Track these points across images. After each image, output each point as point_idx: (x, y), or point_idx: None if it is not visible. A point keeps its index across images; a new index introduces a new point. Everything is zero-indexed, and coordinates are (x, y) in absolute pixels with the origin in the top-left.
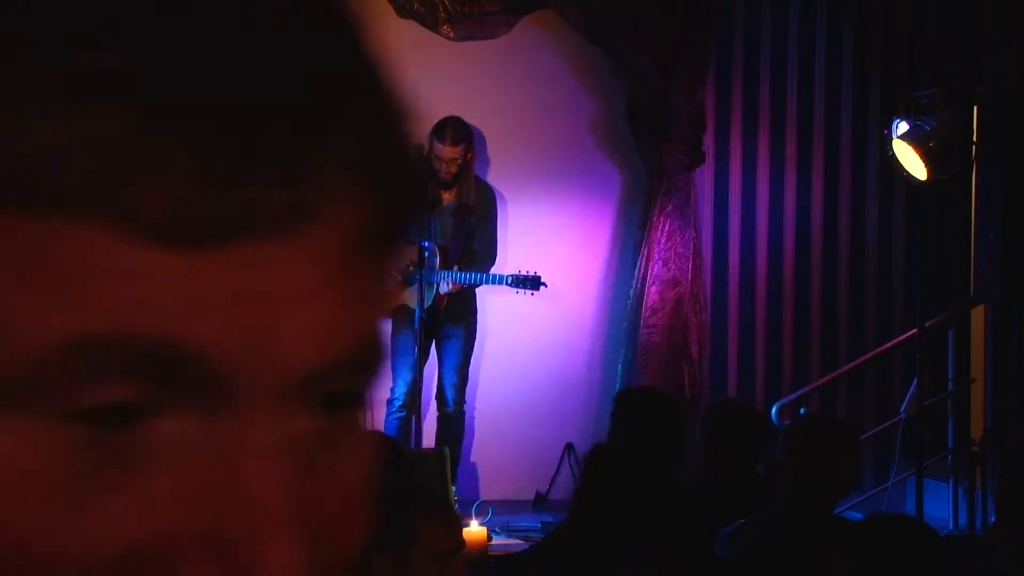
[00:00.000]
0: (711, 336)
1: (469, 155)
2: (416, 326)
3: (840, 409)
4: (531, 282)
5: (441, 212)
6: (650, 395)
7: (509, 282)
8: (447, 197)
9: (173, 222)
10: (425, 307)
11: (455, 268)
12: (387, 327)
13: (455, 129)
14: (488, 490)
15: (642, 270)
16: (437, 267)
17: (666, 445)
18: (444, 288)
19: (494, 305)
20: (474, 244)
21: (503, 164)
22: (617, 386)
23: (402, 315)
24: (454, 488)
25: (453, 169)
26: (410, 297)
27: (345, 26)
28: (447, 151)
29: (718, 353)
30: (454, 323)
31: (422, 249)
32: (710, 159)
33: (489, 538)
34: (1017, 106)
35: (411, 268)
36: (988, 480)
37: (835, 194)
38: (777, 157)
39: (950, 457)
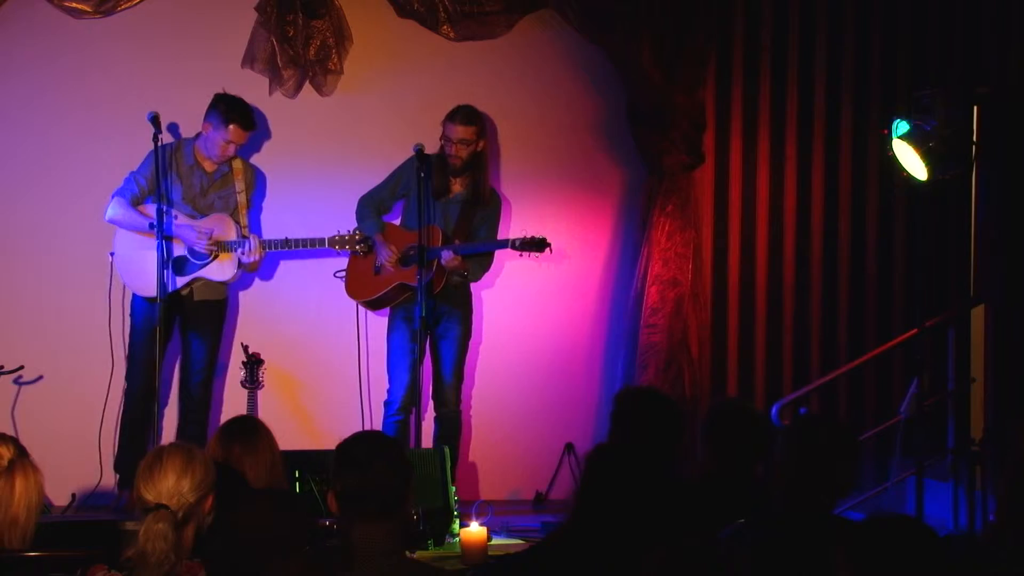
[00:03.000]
0: (711, 336)
1: (481, 143)
2: (416, 326)
3: (840, 409)
4: (537, 244)
5: (448, 201)
6: (650, 395)
7: (516, 246)
8: (457, 187)
9: None
10: (423, 283)
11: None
12: (383, 328)
13: (467, 112)
14: (488, 490)
15: (642, 270)
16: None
17: (666, 445)
18: (446, 257)
19: (493, 305)
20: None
21: (503, 164)
22: (617, 386)
23: (397, 314)
24: (454, 488)
25: (463, 153)
26: (410, 275)
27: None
28: (457, 130)
29: (718, 353)
30: (450, 323)
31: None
32: (710, 159)
33: (489, 538)
34: (1017, 106)
35: (412, 252)
36: (988, 480)
37: (835, 194)
38: (777, 157)
39: (950, 457)
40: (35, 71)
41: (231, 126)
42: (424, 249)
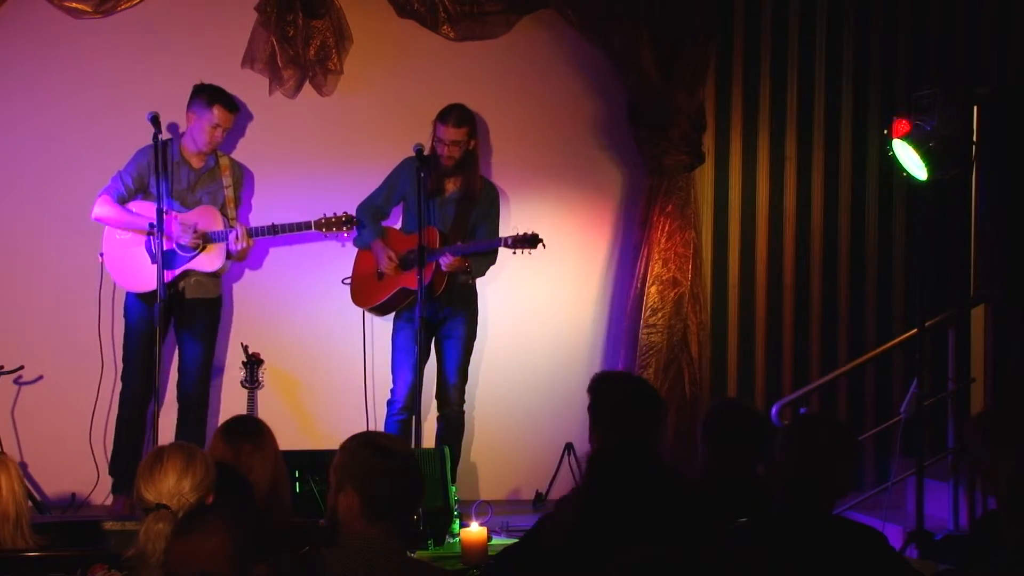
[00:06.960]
0: (711, 336)
1: (472, 142)
2: (416, 325)
3: (840, 409)
4: (529, 241)
5: (443, 200)
6: (622, 378)
7: (508, 243)
8: (451, 186)
9: None
10: (423, 285)
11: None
12: (388, 328)
13: (459, 112)
14: (488, 490)
15: (642, 270)
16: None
17: (643, 426)
18: (445, 262)
19: (494, 305)
20: (476, 238)
21: (503, 164)
22: None
23: (402, 315)
24: (454, 488)
25: (456, 153)
26: (411, 280)
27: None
28: (450, 132)
29: (718, 353)
30: (454, 323)
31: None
32: (710, 159)
33: (489, 538)
34: (1017, 106)
35: (411, 256)
36: None
37: (835, 194)
38: (777, 157)
39: (950, 457)
40: (35, 71)
41: (215, 108)
42: (424, 251)
